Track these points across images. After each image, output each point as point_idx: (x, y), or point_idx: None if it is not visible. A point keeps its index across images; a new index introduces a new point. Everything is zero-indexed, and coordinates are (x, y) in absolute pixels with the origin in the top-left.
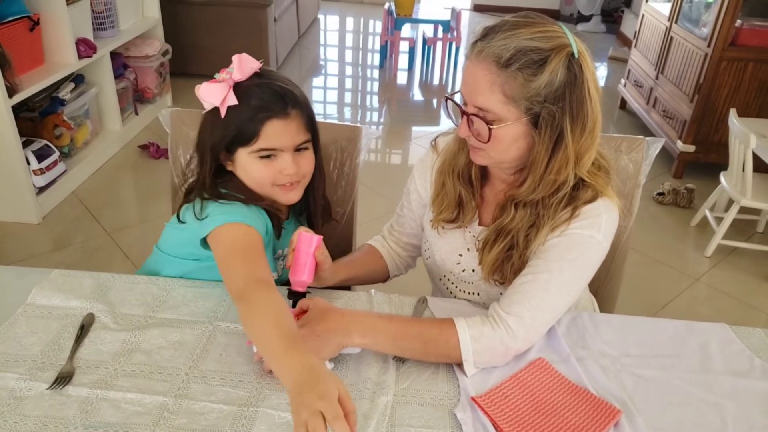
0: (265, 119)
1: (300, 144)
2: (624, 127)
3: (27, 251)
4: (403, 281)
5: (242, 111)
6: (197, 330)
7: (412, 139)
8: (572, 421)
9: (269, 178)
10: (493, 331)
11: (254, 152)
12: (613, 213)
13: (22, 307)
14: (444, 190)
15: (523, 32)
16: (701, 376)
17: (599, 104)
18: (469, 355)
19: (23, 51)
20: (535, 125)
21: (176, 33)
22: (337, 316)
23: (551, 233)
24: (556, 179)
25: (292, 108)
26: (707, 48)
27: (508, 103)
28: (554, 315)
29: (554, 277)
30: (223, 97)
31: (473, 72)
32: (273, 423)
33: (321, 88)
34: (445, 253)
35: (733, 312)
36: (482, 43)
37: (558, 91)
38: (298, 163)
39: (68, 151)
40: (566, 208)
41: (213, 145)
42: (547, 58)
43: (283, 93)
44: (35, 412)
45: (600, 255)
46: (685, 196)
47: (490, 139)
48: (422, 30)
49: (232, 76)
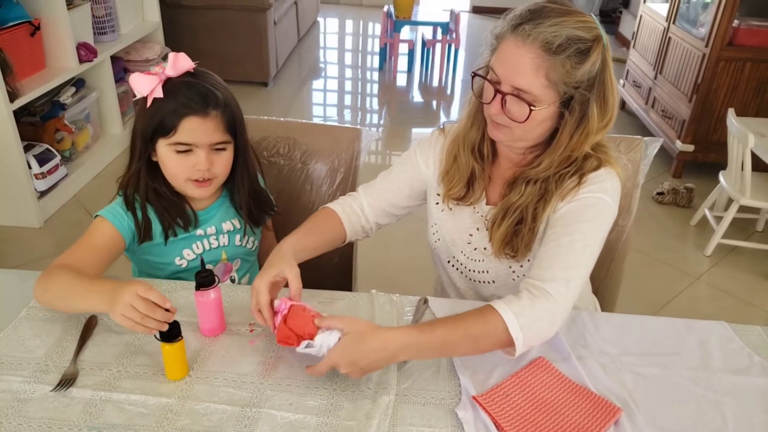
0: (184, 115)
1: (216, 143)
2: (623, 128)
3: (28, 255)
4: (404, 281)
5: (166, 104)
6: (197, 331)
7: (412, 140)
8: (573, 420)
9: (183, 173)
10: (532, 301)
11: (171, 144)
12: (615, 180)
13: (26, 310)
14: (456, 164)
15: (569, 20)
16: (701, 373)
17: (617, 92)
18: (517, 332)
19: (24, 56)
20: (566, 107)
21: (176, 37)
22: (378, 344)
23: (561, 201)
24: (570, 156)
25: (213, 108)
26: (705, 48)
27: (549, 87)
28: (584, 275)
29: (576, 239)
30: (151, 88)
31: (517, 53)
32: (276, 423)
33: (321, 90)
34: (455, 233)
35: (734, 310)
36: (529, 26)
37: (592, 78)
38: (212, 161)
39: (69, 155)
40: (573, 177)
41: (141, 132)
42: (590, 48)
43: (206, 93)
44: (39, 414)
45: (611, 217)
46: (684, 195)
47: (527, 120)
48: (421, 32)
49: (165, 71)
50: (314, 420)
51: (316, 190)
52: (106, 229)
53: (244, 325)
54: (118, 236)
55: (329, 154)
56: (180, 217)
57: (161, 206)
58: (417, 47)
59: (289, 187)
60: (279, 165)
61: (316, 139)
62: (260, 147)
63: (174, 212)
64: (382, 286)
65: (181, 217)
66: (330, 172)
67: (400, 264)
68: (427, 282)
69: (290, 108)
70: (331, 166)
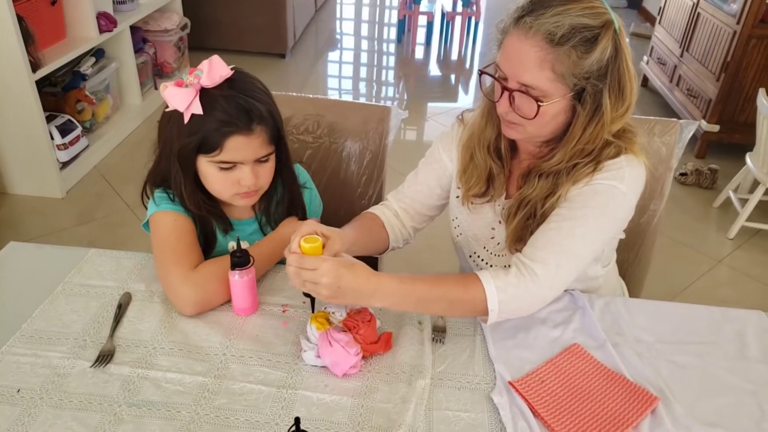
0: (228, 134)
1: (261, 157)
2: (645, 106)
3: (51, 226)
4: (429, 262)
5: (206, 121)
6: (230, 310)
7: (429, 116)
8: (609, 407)
9: (228, 189)
10: (518, 279)
11: (214, 162)
12: (637, 168)
13: (62, 285)
14: (472, 163)
15: (573, 8)
16: (738, 363)
17: (635, 78)
18: (495, 305)
19: (45, 25)
20: (578, 100)
21: (195, 7)
22: (364, 275)
23: (572, 186)
24: (584, 149)
25: (257, 124)
26: (736, 25)
27: (557, 80)
28: (578, 263)
29: (578, 225)
30: (188, 103)
31: (520, 48)
32: (311, 404)
33: (337, 62)
34: (478, 229)
35: (756, 294)
36: (531, 18)
37: (603, 67)
38: (257, 174)
39: (90, 125)
40: (588, 165)
41: (179, 150)
42: (598, 36)
43: (249, 108)
44: (80, 390)
45: (624, 207)
46: (708, 176)
47: (537, 116)
48: (441, 4)
49: (200, 81)
50: (350, 402)
51: (345, 169)
52: (168, 217)
53: (277, 306)
54: (183, 217)
55: (358, 132)
56: (217, 221)
57: (200, 214)
58: (436, 20)
59: (317, 165)
60: (307, 143)
61: (345, 116)
62: (289, 124)
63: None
64: (406, 264)
65: (219, 222)
66: (360, 151)
67: (422, 243)
68: (448, 261)
69: (307, 80)
70: (361, 144)
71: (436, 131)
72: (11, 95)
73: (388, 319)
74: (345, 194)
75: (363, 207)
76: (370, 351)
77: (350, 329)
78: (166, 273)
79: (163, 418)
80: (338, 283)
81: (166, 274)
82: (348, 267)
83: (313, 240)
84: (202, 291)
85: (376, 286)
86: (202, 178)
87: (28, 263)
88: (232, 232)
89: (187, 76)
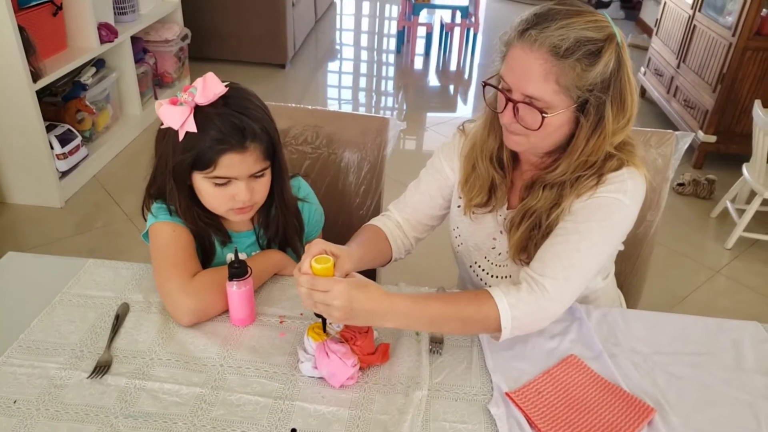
0: (221, 151)
1: (256, 172)
2: (643, 117)
3: (50, 235)
4: (429, 270)
5: (200, 139)
6: (227, 320)
7: (428, 126)
8: (606, 418)
9: (223, 204)
10: (529, 295)
11: (209, 178)
12: (639, 180)
13: (59, 295)
14: (474, 173)
15: (577, 21)
16: (734, 374)
17: (636, 90)
18: (508, 322)
19: (46, 36)
20: (581, 112)
21: (195, 17)
22: (377, 296)
23: (576, 199)
24: (587, 160)
25: (251, 141)
26: (732, 37)
27: (561, 92)
28: (586, 276)
29: (584, 238)
30: (182, 121)
31: (525, 60)
32: (308, 416)
33: (336, 72)
34: (479, 239)
35: (754, 305)
36: (536, 31)
37: (607, 80)
38: (252, 190)
39: (89, 135)
40: (591, 177)
41: (174, 166)
42: (602, 49)
43: (242, 126)
44: (76, 401)
45: (627, 219)
46: (705, 187)
47: (541, 127)
48: (440, 15)
49: (195, 98)
50: (347, 413)
51: (343, 179)
52: (167, 227)
53: (274, 317)
54: (182, 227)
55: (357, 143)
56: (216, 233)
57: (197, 228)
58: (435, 31)
59: (316, 175)
60: (306, 153)
61: (344, 127)
62: (288, 135)
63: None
64: (404, 274)
65: (217, 234)
66: (357, 162)
67: (421, 252)
68: (448, 270)
69: (307, 90)
70: (359, 155)
71: (435, 141)
72: (11, 105)
73: (386, 330)
74: (343, 205)
75: (361, 217)
76: (368, 362)
77: (347, 340)
78: (164, 282)
79: (159, 429)
80: (351, 306)
81: (164, 283)
82: (361, 289)
83: (324, 260)
84: (199, 300)
85: (389, 307)
86: (198, 194)
87: (26, 273)
88: (230, 243)
89: (181, 93)
